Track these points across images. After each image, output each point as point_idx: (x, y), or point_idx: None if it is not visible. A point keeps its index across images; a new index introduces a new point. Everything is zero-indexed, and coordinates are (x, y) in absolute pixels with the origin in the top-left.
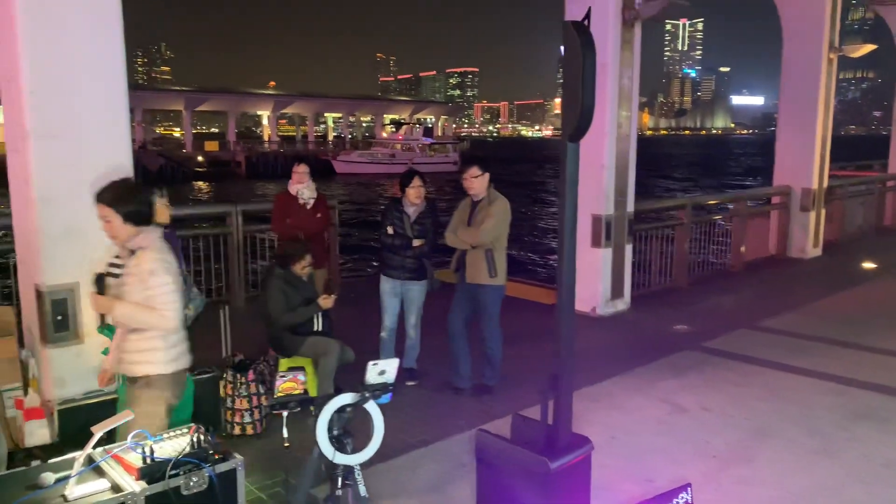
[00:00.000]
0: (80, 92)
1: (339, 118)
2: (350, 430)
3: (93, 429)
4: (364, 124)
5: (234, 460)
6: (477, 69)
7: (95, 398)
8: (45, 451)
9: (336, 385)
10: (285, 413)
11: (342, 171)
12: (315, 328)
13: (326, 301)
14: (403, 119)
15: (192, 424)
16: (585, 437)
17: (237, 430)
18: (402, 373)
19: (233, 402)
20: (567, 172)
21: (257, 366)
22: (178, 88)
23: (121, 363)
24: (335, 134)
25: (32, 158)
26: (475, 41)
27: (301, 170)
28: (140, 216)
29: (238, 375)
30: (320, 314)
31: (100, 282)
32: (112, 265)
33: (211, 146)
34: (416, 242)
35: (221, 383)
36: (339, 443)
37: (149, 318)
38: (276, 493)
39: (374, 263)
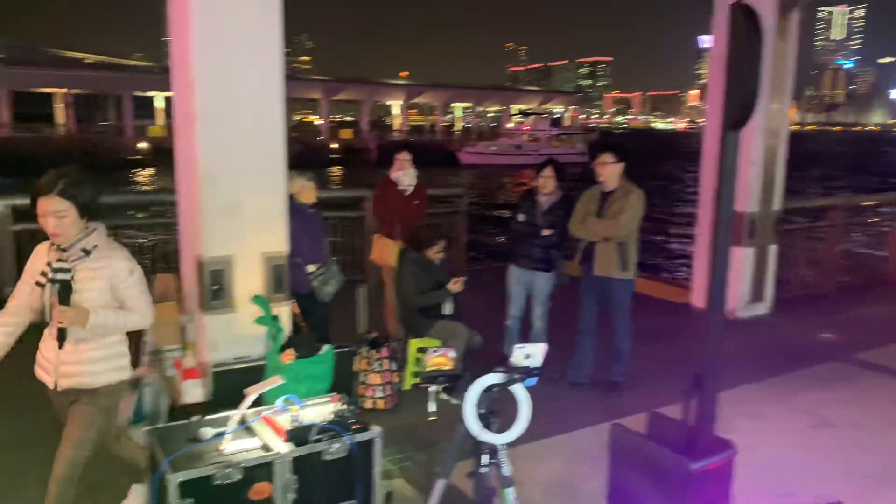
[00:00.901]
0: (242, 78)
1: (468, 108)
2: (496, 410)
3: (246, 391)
4: (491, 114)
5: (372, 431)
6: (610, 58)
7: (245, 363)
8: (199, 409)
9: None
10: (433, 387)
11: (467, 162)
12: (444, 312)
13: (455, 285)
14: (531, 109)
15: (335, 394)
16: (728, 440)
17: (369, 404)
18: None
19: (366, 376)
20: (725, 163)
21: (391, 343)
22: (317, 78)
23: (73, 377)
24: (463, 124)
25: (198, 140)
26: (609, 30)
27: (403, 157)
28: (98, 210)
29: (372, 352)
30: (450, 298)
31: (66, 291)
32: (57, 270)
33: (345, 134)
34: (544, 231)
35: (356, 358)
36: (485, 421)
37: (131, 321)
38: (407, 468)
39: (499, 254)
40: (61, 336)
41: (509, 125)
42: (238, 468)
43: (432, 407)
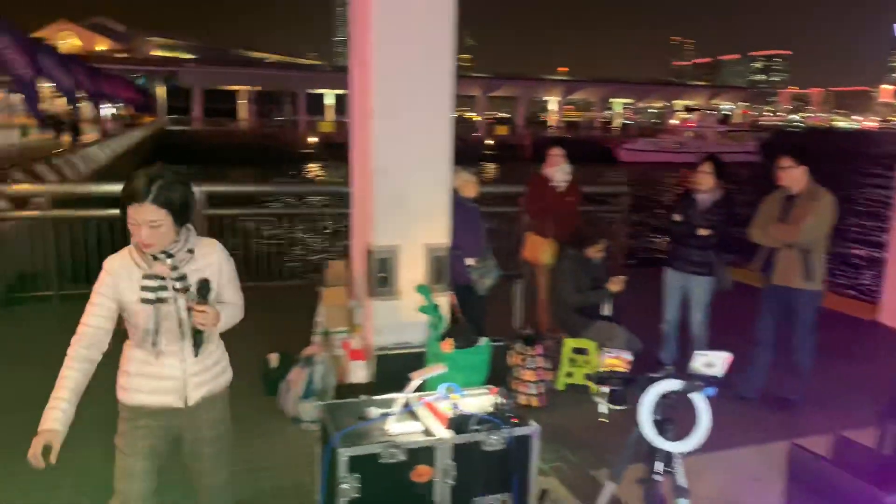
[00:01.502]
0: (417, 76)
1: (628, 104)
2: (672, 418)
3: (411, 375)
4: (653, 111)
5: (530, 427)
6: (789, 52)
7: (406, 349)
8: (363, 389)
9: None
10: (605, 388)
11: (626, 160)
12: (602, 313)
13: (615, 285)
14: (697, 105)
15: (494, 386)
16: None
17: (522, 400)
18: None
19: (519, 372)
20: None
21: (545, 341)
22: (475, 75)
23: (204, 385)
24: (622, 121)
25: (373, 135)
26: (788, 22)
27: (556, 153)
28: (192, 211)
29: (527, 348)
30: (609, 299)
31: (206, 291)
32: (178, 279)
33: (501, 130)
34: (701, 231)
35: (510, 353)
36: (660, 428)
37: (237, 313)
38: (559, 468)
39: (658, 255)
40: (198, 342)
41: (672, 122)
42: (402, 449)
43: (603, 409)
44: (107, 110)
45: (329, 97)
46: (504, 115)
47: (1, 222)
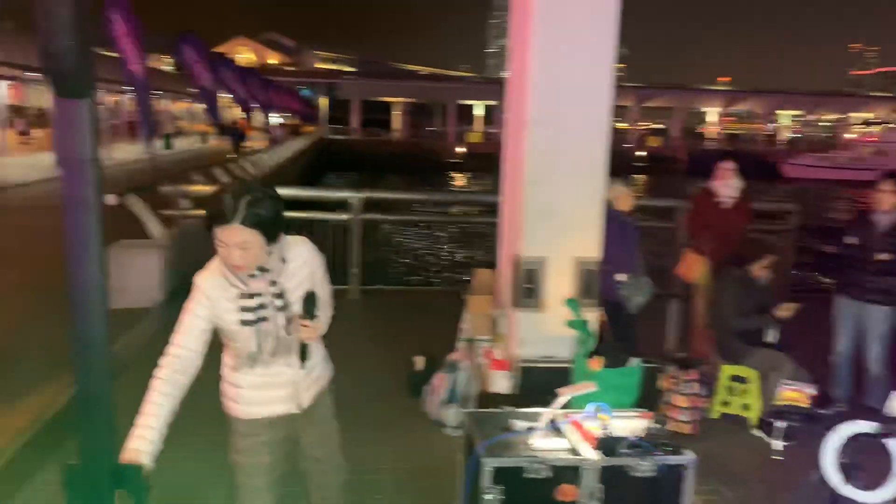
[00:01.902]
0: (575, 86)
1: (797, 116)
2: (860, 463)
3: (559, 391)
4: (824, 124)
5: (685, 456)
6: None
7: (550, 363)
8: (504, 400)
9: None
10: (781, 423)
11: (792, 175)
12: (767, 339)
13: (784, 311)
14: (879, 118)
15: (646, 410)
16: None
17: (671, 426)
18: (862, 411)
19: (671, 397)
20: None
21: (701, 366)
22: (629, 84)
23: (312, 386)
24: (789, 134)
25: (527, 145)
26: None
27: (726, 166)
28: (282, 227)
29: (680, 372)
30: (775, 326)
31: (312, 304)
32: (278, 295)
33: (653, 141)
34: (879, 256)
35: (662, 376)
36: (847, 473)
37: (331, 307)
38: (710, 501)
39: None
40: (304, 355)
41: (848, 136)
42: (548, 466)
43: (778, 445)
44: (274, 119)
45: (478, 108)
46: (658, 125)
47: (183, 220)
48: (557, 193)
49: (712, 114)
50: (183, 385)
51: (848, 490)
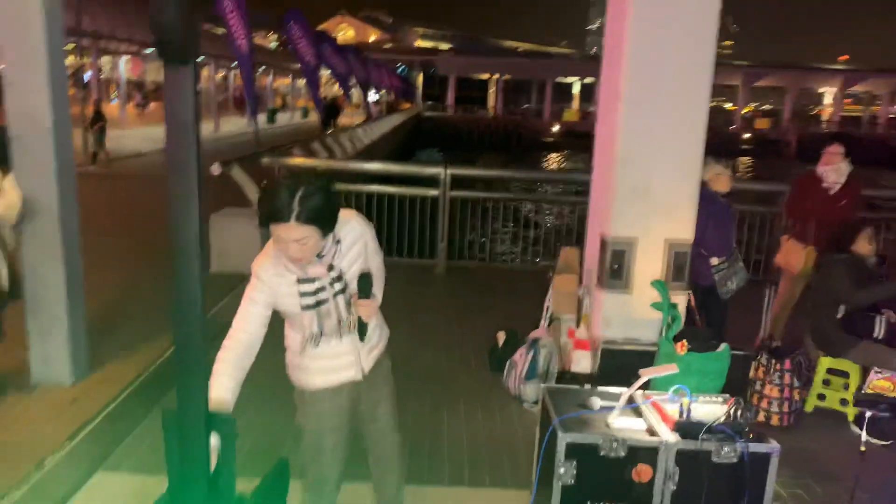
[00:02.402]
0: (672, 62)
1: None
2: None
3: (641, 372)
4: None
5: (770, 445)
6: None
7: (635, 345)
8: (585, 379)
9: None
10: (868, 412)
11: None
12: (874, 333)
13: None
14: None
15: (731, 396)
16: None
17: (761, 417)
18: None
19: (762, 386)
20: None
21: (796, 356)
22: (737, 63)
23: (372, 352)
24: None
25: (620, 121)
26: None
27: (834, 150)
28: (337, 217)
29: (773, 361)
30: (883, 319)
31: (367, 284)
32: (335, 280)
33: (761, 123)
34: None
35: (754, 365)
36: None
37: (384, 278)
38: (797, 495)
39: None
40: (363, 331)
41: None
42: (624, 445)
43: (864, 435)
44: (372, 96)
45: (576, 86)
46: (769, 107)
47: None
48: (650, 172)
49: (829, 95)
50: (245, 367)
51: None
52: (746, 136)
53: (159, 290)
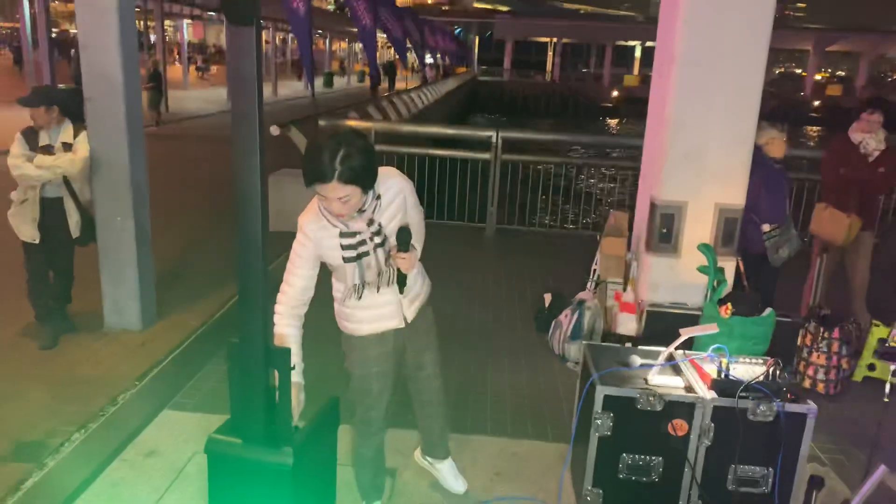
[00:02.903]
0: (728, 23)
1: None
2: None
3: (681, 330)
4: None
5: (806, 405)
6: None
7: (680, 309)
8: (629, 342)
9: None
10: (893, 366)
11: None
12: None
13: None
14: None
15: (770, 358)
16: None
17: (807, 384)
18: None
19: (809, 353)
20: None
21: (845, 325)
22: (808, 26)
23: (415, 301)
24: None
25: (674, 83)
26: None
27: (873, 118)
28: (376, 173)
29: (822, 329)
30: None
31: (406, 236)
32: (375, 233)
33: (832, 90)
34: None
35: (802, 332)
36: None
37: (423, 231)
38: (839, 462)
39: None
40: (402, 282)
41: None
42: (661, 399)
43: (886, 387)
44: (428, 59)
45: (637, 50)
46: (842, 73)
47: None
48: (702, 136)
49: None
50: (301, 316)
51: None
52: (816, 103)
53: (220, 245)
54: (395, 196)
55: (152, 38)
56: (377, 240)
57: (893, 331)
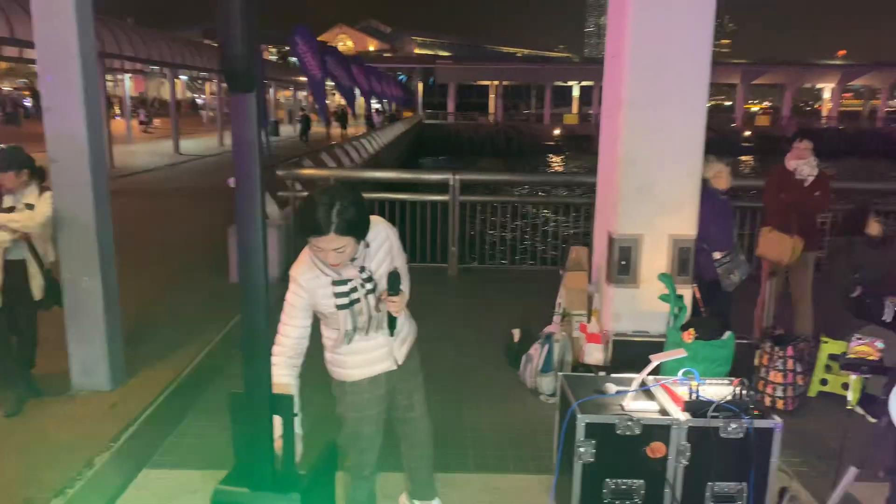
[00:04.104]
0: (671, 66)
1: None
2: None
3: (652, 357)
4: None
5: (772, 420)
6: None
7: (643, 337)
8: (598, 371)
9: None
10: (853, 376)
11: None
12: (884, 318)
13: (874, 228)
14: None
15: (735, 378)
16: None
17: (766, 402)
18: None
19: (767, 373)
20: None
21: (798, 343)
22: (735, 61)
23: (404, 344)
24: None
25: (623, 124)
26: None
27: (803, 146)
28: (369, 223)
29: (776, 348)
30: (891, 305)
31: (396, 281)
32: (367, 280)
33: (761, 120)
34: None
35: (758, 353)
36: None
37: (408, 276)
38: (804, 473)
39: None
40: (393, 325)
41: None
42: (638, 424)
43: (850, 395)
44: (375, 105)
45: (575, 90)
46: (767, 104)
47: (297, 201)
48: (653, 172)
49: (828, 90)
50: (297, 366)
51: None
52: (747, 133)
53: (185, 298)
54: (383, 242)
55: None
56: (368, 286)
57: (851, 343)
